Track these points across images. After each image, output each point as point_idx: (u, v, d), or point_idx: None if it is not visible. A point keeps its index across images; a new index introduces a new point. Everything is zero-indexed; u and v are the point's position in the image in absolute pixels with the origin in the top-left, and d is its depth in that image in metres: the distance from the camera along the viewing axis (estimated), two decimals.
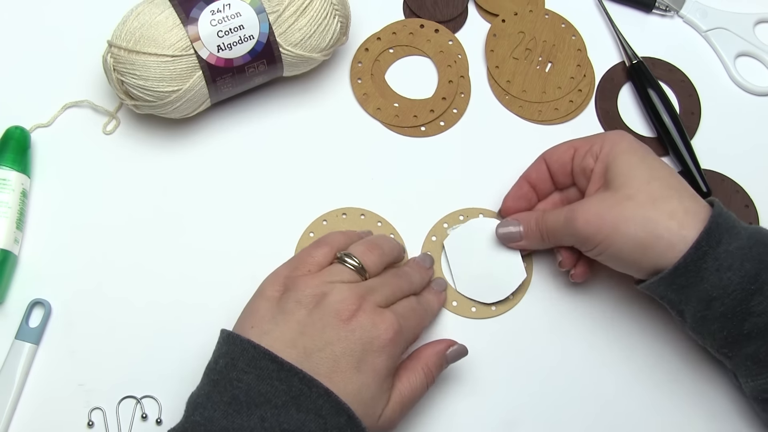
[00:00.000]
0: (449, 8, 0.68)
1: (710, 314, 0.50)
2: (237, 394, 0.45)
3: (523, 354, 0.57)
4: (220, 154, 0.62)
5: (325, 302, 0.48)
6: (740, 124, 0.65)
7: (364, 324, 0.47)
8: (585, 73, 0.66)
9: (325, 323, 0.47)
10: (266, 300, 0.49)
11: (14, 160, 0.58)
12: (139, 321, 0.56)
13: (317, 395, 0.45)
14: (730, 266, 0.49)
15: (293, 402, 0.45)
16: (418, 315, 0.52)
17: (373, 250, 0.52)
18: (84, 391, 0.55)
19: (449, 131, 0.64)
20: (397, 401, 0.49)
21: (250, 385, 0.45)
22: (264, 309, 0.49)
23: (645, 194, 0.51)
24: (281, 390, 0.45)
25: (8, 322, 0.56)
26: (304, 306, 0.48)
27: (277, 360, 0.45)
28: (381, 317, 0.48)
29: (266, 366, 0.45)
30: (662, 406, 0.56)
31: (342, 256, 0.51)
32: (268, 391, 0.45)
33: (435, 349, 0.52)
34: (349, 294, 0.48)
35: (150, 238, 0.59)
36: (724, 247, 0.49)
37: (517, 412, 0.55)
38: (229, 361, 0.46)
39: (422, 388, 0.51)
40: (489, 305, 0.58)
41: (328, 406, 0.45)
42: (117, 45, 0.56)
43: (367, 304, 0.48)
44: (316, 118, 0.63)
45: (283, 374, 0.45)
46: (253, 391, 0.45)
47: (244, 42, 0.56)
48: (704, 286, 0.49)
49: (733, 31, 0.68)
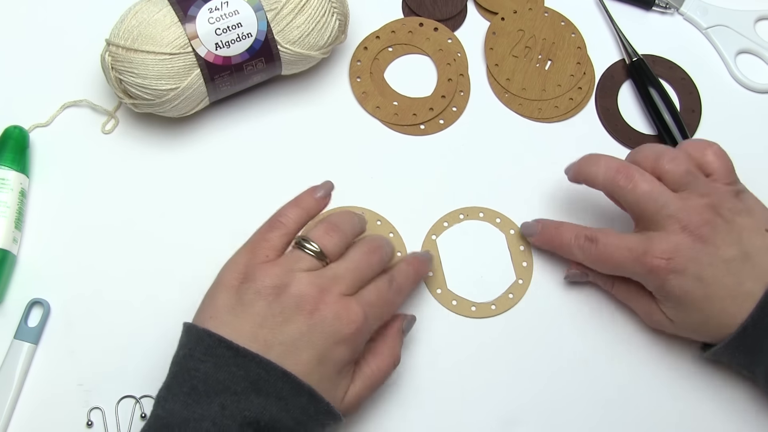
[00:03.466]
0: (448, 6, 0.68)
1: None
2: (195, 384, 0.45)
3: (523, 353, 0.57)
4: (219, 152, 0.62)
5: (285, 294, 0.47)
6: (741, 121, 0.65)
7: (327, 317, 0.47)
8: (585, 70, 0.66)
9: (286, 316, 0.46)
10: (225, 289, 0.48)
11: (13, 159, 0.58)
12: (139, 320, 0.56)
13: (276, 378, 0.44)
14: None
15: (252, 387, 0.44)
16: (387, 301, 0.50)
17: (333, 232, 0.50)
18: (83, 391, 0.54)
19: (448, 129, 0.64)
20: (363, 384, 0.49)
21: (208, 374, 0.45)
22: (223, 299, 0.48)
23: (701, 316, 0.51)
24: (239, 376, 0.44)
25: (7, 322, 0.56)
26: (264, 297, 0.47)
27: (232, 347, 0.45)
28: (345, 309, 0.47)
29: (222, 353, 0.45)
30: (663, 407, 0.56)
31: (300, 242, 0.49)
32: (226, 378, 0.44)
33: (395, 328, 0.52)
34: (310, 285, 0.47)
35: (149, 237, 0.59)
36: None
37: (517, 411, 0.55)
38: (187, 351, 0.46)
39: (389, 368, 0.51)
40: (489, 304, 0.58)
41: (288, 388, 0.45)
42: (115, 43, 0.56)
43: (329, 296, 0.47)
44: (315, 117, 0.63)
45: (240, 360, 0.45)
46: (211, 379, 0.44)
47: (242, 40, 0.56)
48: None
49: (733, 28, 0.68)
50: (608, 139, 0.64)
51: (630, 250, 0.52)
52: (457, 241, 0.59)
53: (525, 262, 0.59)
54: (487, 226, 0.60)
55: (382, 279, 0.51)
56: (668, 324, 0.53)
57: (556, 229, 0.57)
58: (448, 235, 0.60)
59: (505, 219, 0.60)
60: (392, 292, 0.51)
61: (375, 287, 0.50)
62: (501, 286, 0.58)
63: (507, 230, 0.60)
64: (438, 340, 0.57)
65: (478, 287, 0.58)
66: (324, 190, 0.54)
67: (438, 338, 0.57)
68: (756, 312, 0.49)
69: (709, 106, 0.65)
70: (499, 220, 0.60)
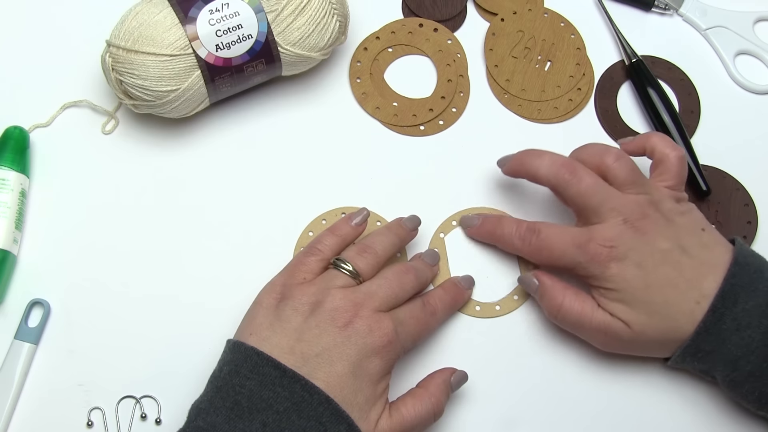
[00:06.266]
0: (448, 7, 0.68)
1: (738, 376, 0.50)
2: (239, 399, 0.45)
3: (526, 355, 0.57)
4: (219, 153, 0.62)
5: (320, 309, 0.48)
6: (740, 122, 0.65)
7: (360, 330, 0.48)
8: (584, 71, 0.66)
9: (322, 330, 0.48)
10: (263, 308, 0.50)
11: (13, 160, 0.58)
12: (139, 320, 0.56)
13: (318, 402, 0.45)
14: (749, 324, 0.49)
15: (294, 408, 0.45)
16: (419, 322, 0.52)
17: (366, 253, 0.52)
18: (83, 391, 0.54)
19: (448, 130, 0.64)
20: (397, 421, 0.49)
21: (253, 391, 0.45)
22: (261, 317, 0.49)
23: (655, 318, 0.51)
24: (283, 396, 0.45)
25: (7, 322, 0.56)
26: (301, 313, 0.48)
27: (279, 367, 0.46)
28: (378, 323, 0.48)
29: (269, 372, 0.46)
30: (665, 407, 0.56)
31: (335, 262, 0.51)
32: (270, 396, 0.45)
33: (441, 377, 0.52)
34: (345, 300, 0.49)
35: (149, 237, 0.59)
36: (741, 306, 0.50)
37: (519, 411, 0.55)
38: (233, 368, 0.47)
39: (428, 416, 0.50)
40: (493, 304, 0.58)
41: (328, 414, 0.45)
42: (115, 44, 0.56)
43: (363, 310, 0.49)
44: (315, 118, 0.63)
45: (286, 381, 0.46)
46: (256, 397, 0.45)
47: (242, 41, 0.56)
48: (728, 347, 0.50)
49: (732, 29, 0.68)
50: (607, 139, 0.64)
51: (573, 238, 0.53)
52: (465, 240, 0.60)
53: (532, 265, 0.59)
54: None
55: (416, 301, 0.53)
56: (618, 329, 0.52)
57: (497, 221, 0.57)
58: (456, 233, 0.60)
59: None
60: (425, 314, 0.52)
61: (407, 307, 0.52)
62: (506, 288, 0.58)
63: None
64: (440, 339, 0.57)
65: (483, 287, 0.58)
66: (360, 217, 0.56)
67: (440, 337, 0.57)
68: (708, 317, 0.50)
69: (708, 107, 0.65)
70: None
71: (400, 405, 0.50)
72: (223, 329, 0.56)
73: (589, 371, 0.56)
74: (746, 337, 0.49)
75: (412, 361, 0.56)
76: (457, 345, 0.57)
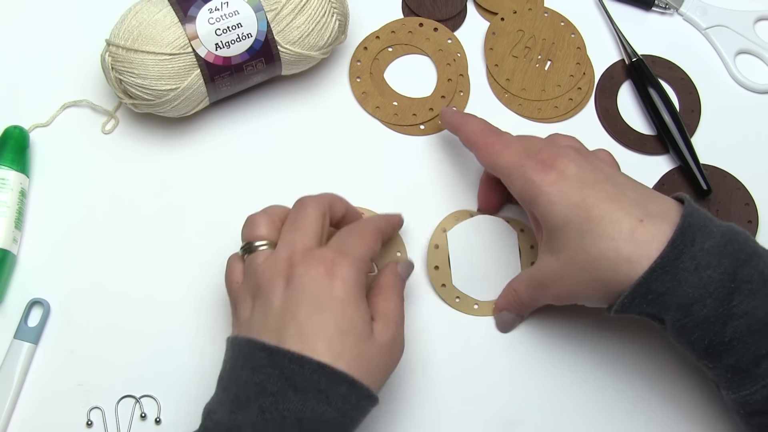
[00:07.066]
0: (448, 7, 0.68)
1: (690, 321, 0.46)
2: (238, 392, 0.45)
3: (525, 353, 0.57)
4: (219, 153, 0.62)
5: (259, 289, 0.48)
6: (740, 121, 0.65)
7: (300, 273, 0.47)
8: (584, 71, 0.66)
9: (270, 300, 0.47)
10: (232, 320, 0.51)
11: (13, 159, 0.58)
12: (138, 320, 0.56)
13: (311, 371, 0.44)
14: (708, 264, 0.46)
15: (288, 384, 0.44)
16: (357, 233, 0.51)
17: (256, 221, 0.51)
18: (83, 391, 0.55)
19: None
20: (384, 321, 0.49)
21: (247, 380, 0.45)
22: (233, 327, 0.50)
23: (583, 256, 0.48)
24: (274, 375, 0.44)
25: (7, 322, 0.56)
26: (249, 307, 0.49)
27: (266, 347, 0.45)
28: (311, 257, 0.48)
29: (259, 356, 0.45)
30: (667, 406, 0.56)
31: (244, 249, 0.51)
32: (262, 380, 0.45)
33: (390, 270, 0.53)
34: (273, 265, 0.48)
35: (149, 237, 0.59)
36: (699, 246, 0.46)
37: (518, 411, 0.55)
38: (232, 363, 0.47)
39: (400, 303, 0.51)
40: (492, 303, 0.58)
41: (324, 379, 0.45)
42: (115, 44, 0.56)
43: (294, 258, 0.48)
44: (315, 117, 0.63)
45: (274, 359, 0.45)
46: (250, 384, 0.45)
47: (242, 40, 0.56)
48: (683, 288, 0.46)
49: (733, 28, 0.68)
50: (608, 139, 0.64)
51: (525, 148, 0.52)
52: (467, 236, 0.59)
53: (533, 262, 0.59)
54: (499, 222, 0.60)
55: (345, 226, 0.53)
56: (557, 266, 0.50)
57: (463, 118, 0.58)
58: (457, 230, 0.59)
59: (513, 219, 0.60)
60: (356, 226, 0.52)
61: (339, 231, 0.52)
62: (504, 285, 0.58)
63: (518, 228, 0.60)
64: (439, 337, 0.57)
65: (482, 284, 0.58)
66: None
67: (439, 335, 0.57)
68: (666, 252, 0.46)
69: (709, 106, 0.65)
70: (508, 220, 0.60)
71: (377, 307, 0.50)
72: (223, 329, 0.56)
73: (591, 369, 0.56)
74: (705, 277, 0.45)
75: (413, 359, 0.56)
76: (455, 343, 0.57)
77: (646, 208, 0.48)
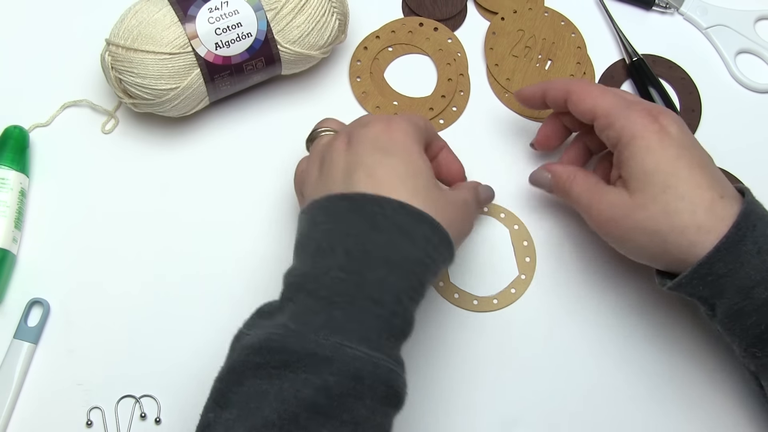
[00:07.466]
0: (448, 6, 0.68)
1: (749, 305, 0.47)
2: (320, 243, 0.45)
3: (524, 349, 0.57)
4: (219, 152, 0.62)
5: (324, 158, 0.50)
6: (741, 121, 0.65)
7: (360, 134, 0.49)
8: (585, 70, 0.66)
9: (335, 161, 0.48)
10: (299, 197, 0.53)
11: (13, 159, 0.58)
12: (138, 320, 0.56)
13: (392, 210, 0.45)
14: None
15: (371, 226, 0.45)
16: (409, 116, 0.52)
17: (326, 119, 0.55)
18: (83, 391, 0.54)
19: (449, 129, 0.64)
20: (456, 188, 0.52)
21: (330, 230, 0.45)
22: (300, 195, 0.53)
23: (659, 206, 0.48)
24: (357, 221, 0.45)
25: (7, 322, 0.56)
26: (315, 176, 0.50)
27: (346, 196, 0.46)
28: (369, 124, 0.49)
29: (339, 206, 0.46)
30: (669, 406, 0.56)
31: (310, 136, 0.54)
32: (346, 227, 0.45)
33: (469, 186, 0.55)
34: (334, 138, 0.50)
35: (149, 237, 0.59)
36: (760, 231, 0.47)
37: (518, 408, 0.55)
38: (309, 223, 0.47)
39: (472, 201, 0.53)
40: (491, 298, 0.58)
41: (407, 219, 0.45)
42: (115, 43, 0.56)
43: (352, 130, 0.50)
44: (315, 117, 0.63)
45: (355, 205, 0.45)
46: (334, 233, 0.45)
47: (242, 39, 0.56)
48: (745, 270, 0.46)
49: (733, 28, 0.68)
50: None
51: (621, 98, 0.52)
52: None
53: (528, 258, 0.59)
54: (492, 221, 0.60)
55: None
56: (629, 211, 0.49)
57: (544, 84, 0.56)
58: None
59: (510, 214, 0.60)
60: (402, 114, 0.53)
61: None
62: (503, 281, 0.58)
63: (511, 225, 0.60)
64: (438, 333, 0.57)
65: (480, 281, 0.58)
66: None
67: (438, 331, 0.57)
68: (731, 233, 0.47)
69: (709, 105, 0.65)
70: (504, 215, 0.60)
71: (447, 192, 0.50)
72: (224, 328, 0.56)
73: (591, 366, 0.56)
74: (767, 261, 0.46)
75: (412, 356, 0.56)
76: (456, 339, 0.57)
77: (725, 187, 0.49)
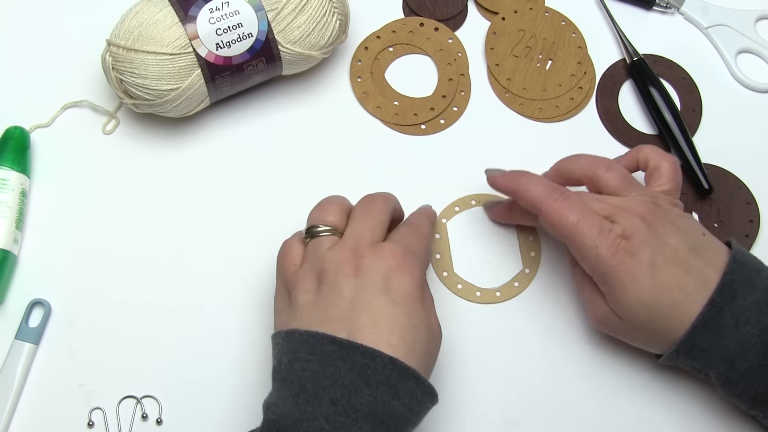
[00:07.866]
0: (449, 6, 0.68)
1: (734, 374, 0.49)
2: (304, 383, 0.45)
3: (525, 342, 0.57)
4: (219, 153, 0.62)
5: (326, 275, 0.48)
6: (742, 121, 0.65)
7: (370, 265, 0.48)
8: (585, 70, 0.66)
9: (339, 287, 0.47)
10: (281, 312, 0.50)
11: (14, 160, 0.58)
12: (139, 320, 0.56)
13: (383, 365, 0.45)
14: (747, 320, 0.48)
15: (360, 378, 0.44)
16: (415, 233, 0.52)
17: (326, 207, 0.52)
18: (84, 391, 0.54)
19: (449, 129, 0.64)
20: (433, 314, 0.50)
21: (315, 372, 0.45)
22: (282, 312, 0.50)
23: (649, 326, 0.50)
24: (346, 369, 0.44)
25: (8, 322, 0.56)
26: (312, 291, 0.48)
27: (336, 341, 0.45)
28: (380, 250, 0.48)
29: (327, 349, 0.45)
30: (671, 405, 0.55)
31: (308, 231, 0.51)
32: (333, 373, 0.45)
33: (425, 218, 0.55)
34: (340, 253, 0.49)
35: (150, 237, 0.59)
36: (740, 302, 0.48)
37: (519, 405, 0.55)
38: (291, 356, 0.46)
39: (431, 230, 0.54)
40: (494, 290, 0.58)
41: (395, 374, 0.45)
42: (116, 44, 0.56)
43: (361, 249, 0.49)
44: (316, 117, 0.63)
45: (344, 353, 0.45)
46: (319, 376, 0.45)
47: (242, 40, 0.56)
48: (725, 343, 0.48)
49: (734, 27, 0.68)
50: (609, 138, 0.64)
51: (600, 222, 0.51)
52: (467, 225, 0.60)
53: (533, 252, 0.59)
54: None
55: (400, 226, 0.53)
56: (616, 322, 0.51)
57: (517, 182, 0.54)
58: (458, 219, 0.60)
59: None
60: (413, 227, 0.53)
61: (396, 229, 0.52)
62: (507, 274, 0.58)
63: None
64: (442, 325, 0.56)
65: (484, 273, 0.58)
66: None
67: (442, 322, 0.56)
68: (706, 311, 0.48)
69: (710, 105, 0.65)
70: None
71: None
72: (225, 328, 0.56)
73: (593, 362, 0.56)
74: (744, 333, 0.48)
75: None
76: (458, 330, 0.57)
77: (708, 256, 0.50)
